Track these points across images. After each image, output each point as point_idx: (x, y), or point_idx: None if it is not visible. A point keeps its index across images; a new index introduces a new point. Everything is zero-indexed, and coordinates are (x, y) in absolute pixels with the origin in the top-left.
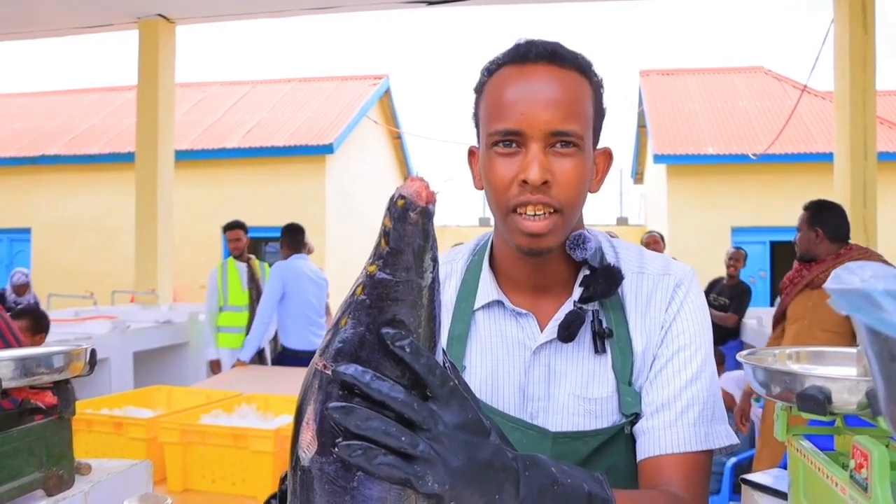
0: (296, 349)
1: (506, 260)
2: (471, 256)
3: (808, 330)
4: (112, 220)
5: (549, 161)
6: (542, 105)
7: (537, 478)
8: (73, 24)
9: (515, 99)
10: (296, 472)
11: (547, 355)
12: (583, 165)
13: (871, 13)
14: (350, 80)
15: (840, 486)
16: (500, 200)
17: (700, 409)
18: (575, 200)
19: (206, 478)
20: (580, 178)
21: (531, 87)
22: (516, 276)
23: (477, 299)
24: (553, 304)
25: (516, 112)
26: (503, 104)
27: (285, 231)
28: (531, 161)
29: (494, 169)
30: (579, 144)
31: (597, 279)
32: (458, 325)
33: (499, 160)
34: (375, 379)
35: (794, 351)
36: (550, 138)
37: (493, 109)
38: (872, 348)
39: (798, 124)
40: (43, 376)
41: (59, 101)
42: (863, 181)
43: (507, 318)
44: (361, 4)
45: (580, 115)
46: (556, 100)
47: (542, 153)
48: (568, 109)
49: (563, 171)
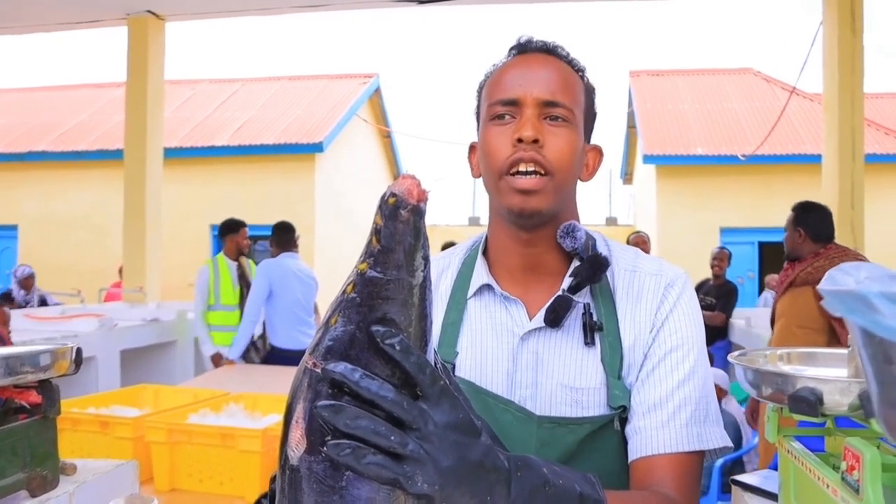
0: (284, 348)
1: (499, 245)
2: (468, 250)
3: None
4: (100, 218)
5: (542, 126)
6: (536, 79)
7: (529, 478)
8: (62, 19)
9: (514, 76)
10: (284, 471)
11: (535, 343)
12: (573, 139)
13: (859, 16)
14: (340, 79)
15: (831, 487)
16: (494, 164)
17: (693, 410)
18: (565, 167)
19: (194, 477)
20: (571, 147)
21: (528, 68)
22: (508, 262)
23: (470, 287)
24: (544, 293)
25: (514, 85)
26: (503, 82)
27: (275, 229)
28: (525, 122)
29: (490, 137)
30: (570, 119)
31: (583, 267)
32: (453, 313)
33: (495, 129)
34: (365, 377)
35: (785, 352)
36: (543, 108)
37: (493, 88)
38: (866, 350)
39: (787, 126)
40: (27, 375)
41: (47, 97)
42: (851, 182)
43: (496, 304)
44: (352, 3)
45: (571, 94)
46: (549, 77)
47: (536, 118)
48: (559, 86)
49: (554, 138)
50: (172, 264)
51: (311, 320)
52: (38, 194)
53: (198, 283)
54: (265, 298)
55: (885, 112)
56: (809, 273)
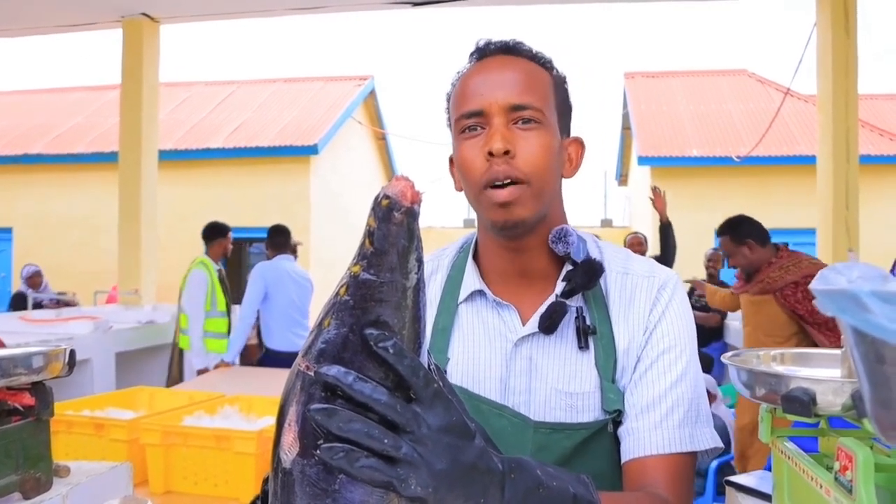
0: (279, 350)
1: (489, 251)
2: (457, 253)
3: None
4: (95, 220)
5: (511, 134)
6: (498, 84)
7: (522, 481)
8: (57, 22)
9: (476, 85)
10: (277, 474)
11: (529, 349)
12: (546, 140)
13: (852, 18)
14: (335, 81)
15: (825, 487)
16: (471, 181)
17: (685, 411)
18: (541, 173)
19: (189, 479)
20: (544, 150)
21: (489, 73)
22: (499, 268)
23: (461, 291)
24: (536, 298)
25: (476, 94)
26: (466, 93)
27: (270, 232)
28: (493, 133)
29: (463, 152)
30: (540, 120)
31: (577, 272)
32: (443, 318)
33: (466, 144)
34: (358, 380)
35: (778, 353)
36: (510, 113)
37: (457, 100)
38: (858, 350)
39: (781, 127)
40: (21, 377)
41: (42, 99)
42: (845, 183)
43: (488, 309)
44: (346, 5)
45: (538, 93)
46: (511, 79)
47: (504, 127)
48: (523, 87)
49: (525, 144)
50: (168, 267)
51: (306, 322)
52: (33, 196)
53: (195, 288)
54: (261, 301)
55: (880, 113)
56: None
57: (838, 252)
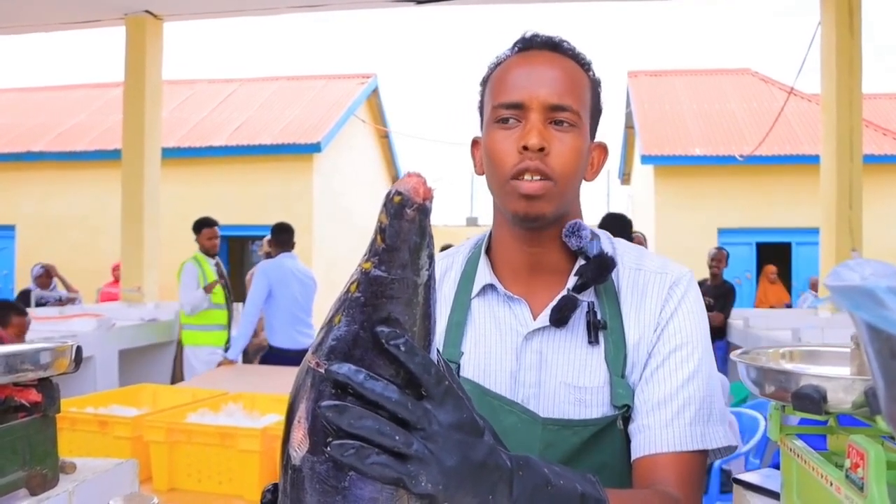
0: (282, 348)
1: (503, 244)
2: (472, 250)
3: None
4: (98, 218)
5: (548, 132)
6: (542, 81)
7: (531, 478)
8: (60, 19)
9: (518, 77)
10: (287, 471)
11: (539, 342)
12: (579, 143)
13: (857, 17)
14: (338, 79)
15: (835, 485)
16: (499, 169)
17: (696, 409)
18: (569, 173)
19: (193, 477)
20: (576, 153)
21: (533, 68)
22: (512, 261)
23: (474, 287)
24: (548, 292)
25: (518, 87)
26: (507, 82)
27: (273, 230)
28: (531, 129)
29: (495, 141)
30: (576, 123)
31: (590, 266)
32: (457, 314)
33: (500, 133)
34: (369, 378)
35: (787, 350)
36: (549, 112)
37: (497, 88)
38: (873, 346)
39: (785, 126)
40: (28, 373)
41: (44, 97)
42: (849, 183)
43: (500, 304)
44: (350, 3)
45: (577, 96)
46: (555, 78)
47: (542, 124)
48: (565, 87)
49: (559, 144)
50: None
51: (310, 320)
52: (35, 194)
53: (187, 279)
54: (264, 299)
55: (884, 113)
56: None
57: (842, 251)
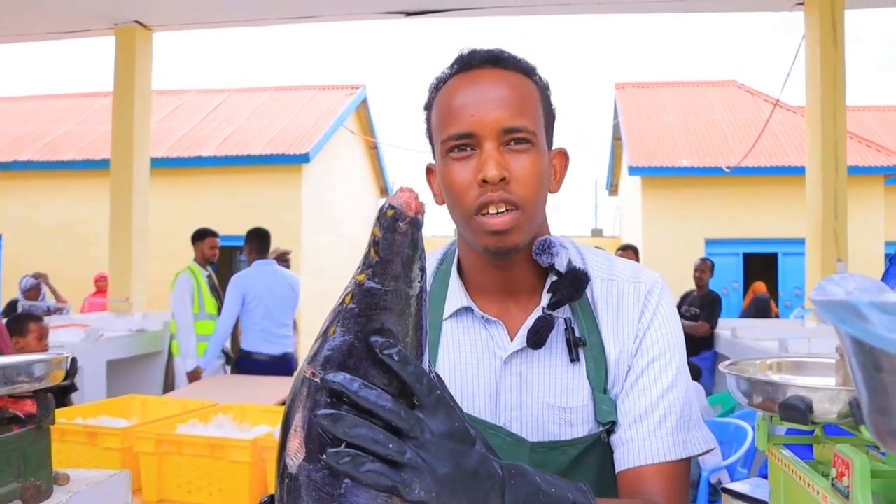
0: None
1: (472, 267)
2: (437, 266)
3: None
4: (86, 228)
5: (504, 158)
6: (490, 105)
7: (523, 486)
8: (49, 29)
9: (464, 103)
10: (283, 480)
11: (518, 364)
12: (539, 162)
13: (840, 32)
14: (327, 90)
15: (822, 494)
16: (461, 205)
17: (677, 418)
18: (535, 196)
19: (182, 488)
20: (537, 174)
21: (477, 90)
22: (484, 283)
23: (446, 307)
24: (522, 312)
25: (466, 115)
26: (453, 110)
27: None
28: (487, 159)
29: (452, 175)
30: (532, 141)
31: (563, 283)
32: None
33: (455, 165)
34: (364, 388)
35: (774, 361)
36: (503, 136)
37: (444, 117)
38: (857, 359)
39: (771, 138)
40: (23, 385)
41: (32, 106)
42: (834, 194)
43: (476, 326)
44: (339, 14)
45: (529, 112)
46: (503, 98)
47: (497, 151)
48: (516, 107)
49: (519, 168)
50: (159, 275)
51: (283, 328)
52: (23, 203)
53: (181, 291)
54: (238, 311)
55: (868, 125)
56: None
57: (827, 261)
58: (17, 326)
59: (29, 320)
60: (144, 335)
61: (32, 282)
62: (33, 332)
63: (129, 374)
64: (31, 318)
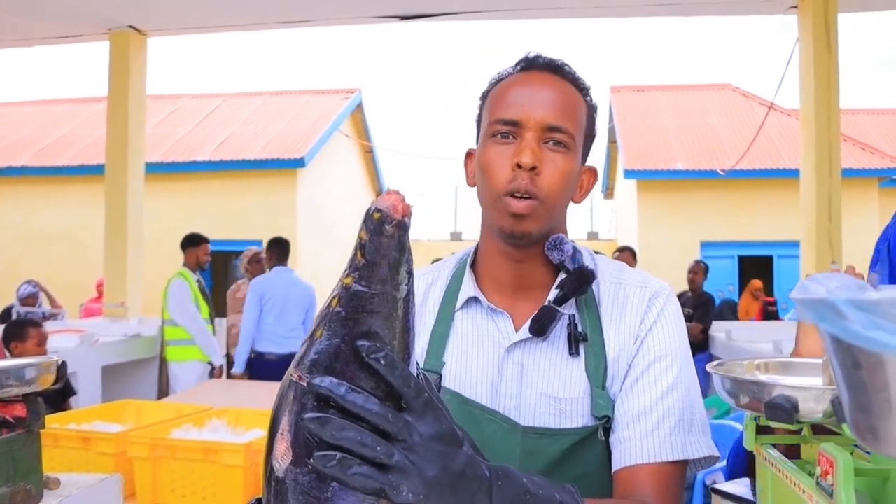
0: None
1: (488, 259)
2: (457, 264)
3: None
4: (81, 233)
5: (541, 152)
6: (540, 102)
7: (510, 488)
8: (44, 34)
9: (517, 95)
10: (270, 483)
11: (520, 354)
12: (570, 165)
13: (834, 34)
14: (322, 94)
15: (807, 493)
16: (492, 184)
17: (676, 420)
18: (557, 194)
19: (176, 492)
20: (566, 175)
21: (533, 88)
22: (497, 276)
23: (458, 299)
24: (531, 306)
25: (517, 104)
26: (506, 99)
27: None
28: (525, 147)
29: (490, 155)
30: (569, 145)
31: (569, 279)
32: (441, 325)
33: (495, 147)
34: (350, 391)
35: (762, 361)
36: (544, 133)
37: (496, 103)
38: (837, 357)
39: (765, 141)
40: (13, 388)
41: (27, 111)
42: (828, 196)
43: (483, 316)
44: (334, 18)
45: (573, 119)
46: (553, 100)
47: (536, 143)
48: (562, 110)
49: (551, 164)
50: (153, 279)
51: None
52: (18, 209)
53: (181, 297)
54: (258, 313)
55: (862, 128)
56: None
57: (822, 264)
58: (17, 332)
59: (29, 326)
60: (140, 340)
61: (31, 290)
62: (33, 338)
63: (125, 379)
64: (30, 323)
